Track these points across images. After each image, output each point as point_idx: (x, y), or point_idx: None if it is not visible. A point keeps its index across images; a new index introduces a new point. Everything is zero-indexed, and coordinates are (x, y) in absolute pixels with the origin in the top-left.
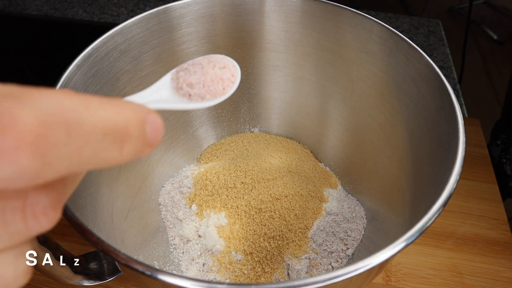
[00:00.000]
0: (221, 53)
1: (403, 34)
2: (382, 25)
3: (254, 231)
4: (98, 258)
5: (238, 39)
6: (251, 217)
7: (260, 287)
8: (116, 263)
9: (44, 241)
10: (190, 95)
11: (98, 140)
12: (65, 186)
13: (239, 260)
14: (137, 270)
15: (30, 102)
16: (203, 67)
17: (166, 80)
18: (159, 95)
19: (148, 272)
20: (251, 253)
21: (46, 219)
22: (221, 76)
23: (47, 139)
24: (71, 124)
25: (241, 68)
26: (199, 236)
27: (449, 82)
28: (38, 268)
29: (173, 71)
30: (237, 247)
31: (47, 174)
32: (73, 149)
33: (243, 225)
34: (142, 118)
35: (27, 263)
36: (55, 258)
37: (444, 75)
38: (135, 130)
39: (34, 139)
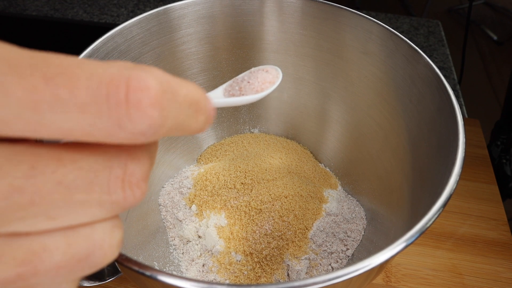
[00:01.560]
0: (221, 54)
1: (403, 35)
2: (382, 25)
3: (254, 231)
4: None
5: (237, 39)
6: (251, 218)
7: (260, 287)
8: (116, 264)
9: None
10: (233, 95)
11: (187, 108)
12: (152, 160)
13: (239, 261)
14: (136, 271)
15: (149, 72)
16: (250, 77)
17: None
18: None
19: (147, 273)
20: (251, 253)
21: (140, 191)
22: (264, 79)
23: (165, 100)
24: (173, 91)
25: (241, 68)
26: (199, 236)
27: (449, 82)
28: None
29: (225, 86)
30: (237, 247)
31: (162, 130)
32: (175, 112)
33: (243, 225)
34: (206, 97)
35: (120, 234)
36: None
37: (444, 75)
38: (204, 104)
39: (160, 99)
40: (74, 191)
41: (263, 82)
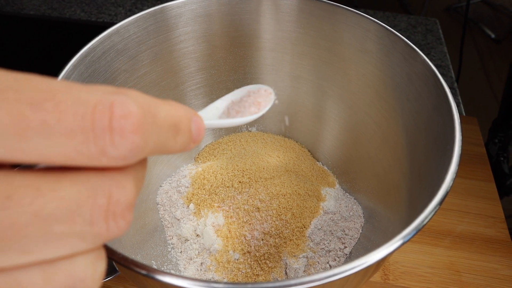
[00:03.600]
0: (218, 52)
1: (400, 33)
2: (379, 24)
3: (252, 230)
4: None
5: (235, 38)
6: (249, 216)
7: (257, 285)
8: (114, 263)
9: None
10: (230, 114)
11: (166, 130)
12: (139, 185)
13: (237, 259)
14: (133, 270)
15: (130, 96)
16: (247, 100)
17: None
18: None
19: (144, 272)
20: (249, 252)
21: (124, 222)
22: (258, 100)
23: (146, 125)
24: (154, 115)
25: (238, 67)
26: (197, 235)
27: (446, 80)
28: None
29: (219, 105)
30: (234, 246)
31: (143, 153)
32: (156, 134)
33: (240, 224)
34: (190, 117)
35: (103, 265)
36: None
37: (442, 73)
38: (185, 126)
39: (142, 124)
40: (53, 223)
41: (257, 103)
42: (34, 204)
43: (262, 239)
